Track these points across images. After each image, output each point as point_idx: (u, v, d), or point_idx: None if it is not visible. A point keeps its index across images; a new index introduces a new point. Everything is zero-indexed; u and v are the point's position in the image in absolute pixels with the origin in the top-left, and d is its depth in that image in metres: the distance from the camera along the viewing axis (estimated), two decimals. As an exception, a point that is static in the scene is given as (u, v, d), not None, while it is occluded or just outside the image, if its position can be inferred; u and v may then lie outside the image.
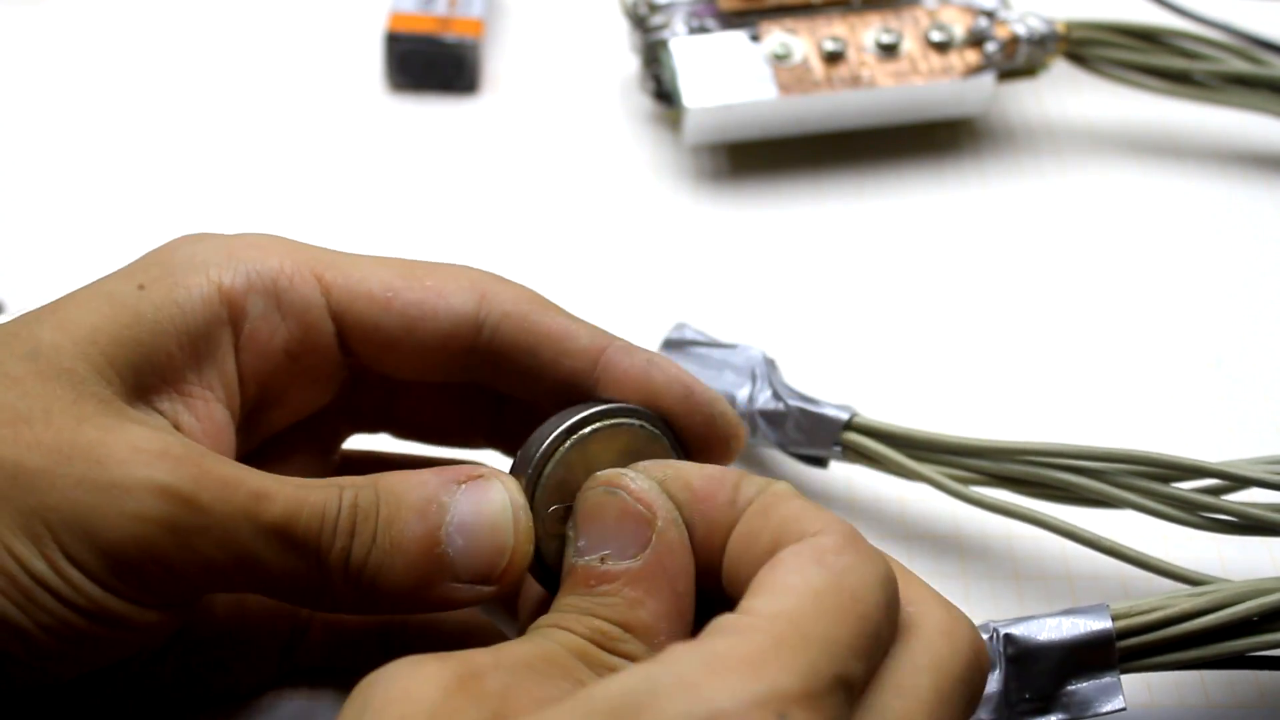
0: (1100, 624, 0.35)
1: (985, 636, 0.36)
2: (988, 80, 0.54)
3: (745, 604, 0.28)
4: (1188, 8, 0.58)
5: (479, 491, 0.32)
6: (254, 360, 0.34)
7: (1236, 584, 0.36)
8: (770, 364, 0.44)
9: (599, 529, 0.32)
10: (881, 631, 0.29)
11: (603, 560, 0.32)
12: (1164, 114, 0.57)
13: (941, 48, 0.54)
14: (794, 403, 0.42)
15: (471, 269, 0.36)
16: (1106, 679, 0.36)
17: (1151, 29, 0.54)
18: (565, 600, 0.32)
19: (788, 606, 0.28)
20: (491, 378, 0.36)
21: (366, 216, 0.53)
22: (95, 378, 0.31)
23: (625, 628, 0.31)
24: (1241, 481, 0.38)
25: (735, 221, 0.53)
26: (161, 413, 0.33)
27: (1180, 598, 0.36)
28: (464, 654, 0.29)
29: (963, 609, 0.40)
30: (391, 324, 0.35)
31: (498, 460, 0.38)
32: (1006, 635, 0.35)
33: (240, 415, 0.35)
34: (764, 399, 0.43)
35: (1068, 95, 0.58)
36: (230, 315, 0.34)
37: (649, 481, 0.32)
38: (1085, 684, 0.36)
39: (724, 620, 0.28)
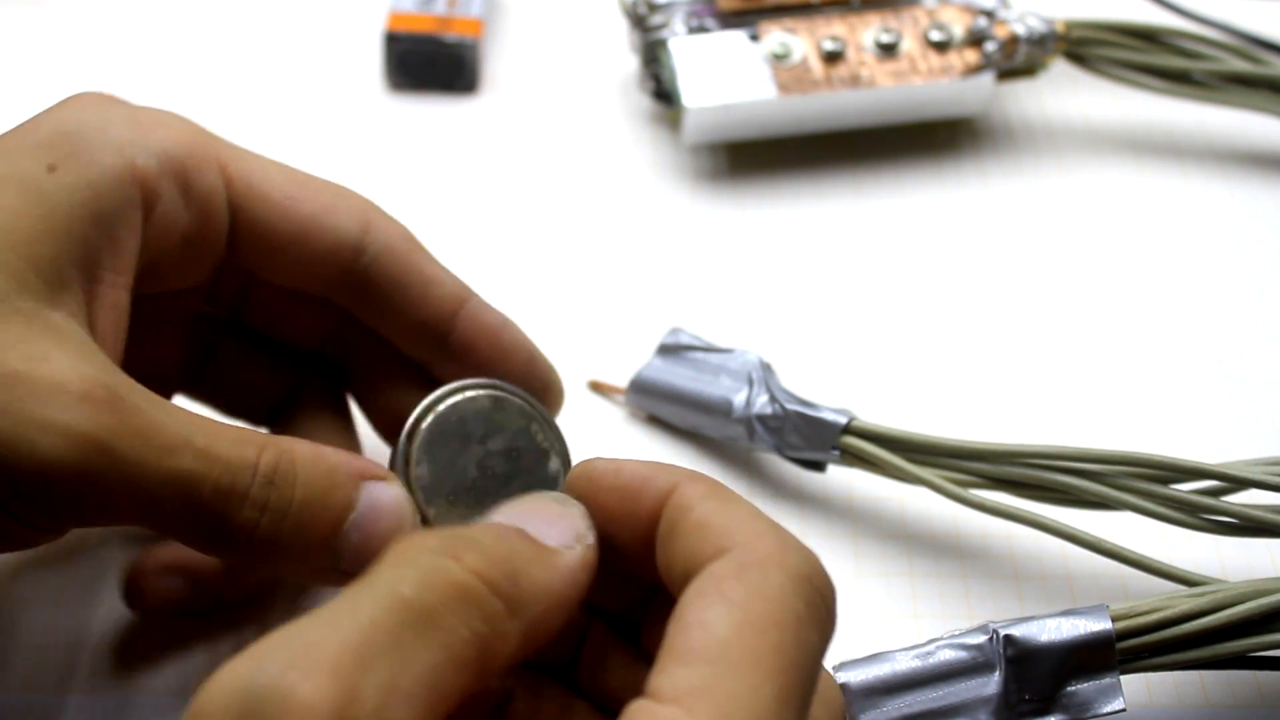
0: (1100, 625, 0.36)
1: (985, 638, 0.36)
2: (987, 80, 0.54)
3: (655, 681, 0.26)
4: (1187, 7, 0.58)
5: (379, 494, 0.33)
6: (156, 243, 0.35)
7: (1236, 585, 0.36)
8: (767, 368, 0.44)
9: (531, 511, 0.30)
10: (809, 647, 0.27)
11: (522, 532, 0.30)
12: (1164, 114, 0.57)
13: (941, 47, 0.54)
14: (791, 407, 0.42)
15: (357, 195, 0.38)
16: (1106, 680, 0.36)
17: (1151, 29, 0.54)
18: (463, 532, 0.29)
19: (697, 681, 0.25)
20: (355, 302, 0.38)
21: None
22: (17, 289, 0.31)
23: (512, 576, 0.28)
24: (1241, 483, 0.38)
25: (734, 221, 0.53)
26: (79, 300, 0.33)
27: (1180, 599, 0.36)
28: (321, 647, 0.25)
29: (963, 609, 0.41)
30: (283, 230, 0.36)
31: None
32: (1006, 636, 0.36)
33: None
34: (761, 404, 0.42)
35: (1067, 95, 0.58)
36: (143, 197, 0.34)
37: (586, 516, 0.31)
38: (1085, 685, 0.36)
39: (637, 710, 0.26)
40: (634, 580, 0.32)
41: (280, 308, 0.40)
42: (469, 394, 0.37)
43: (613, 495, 0.31)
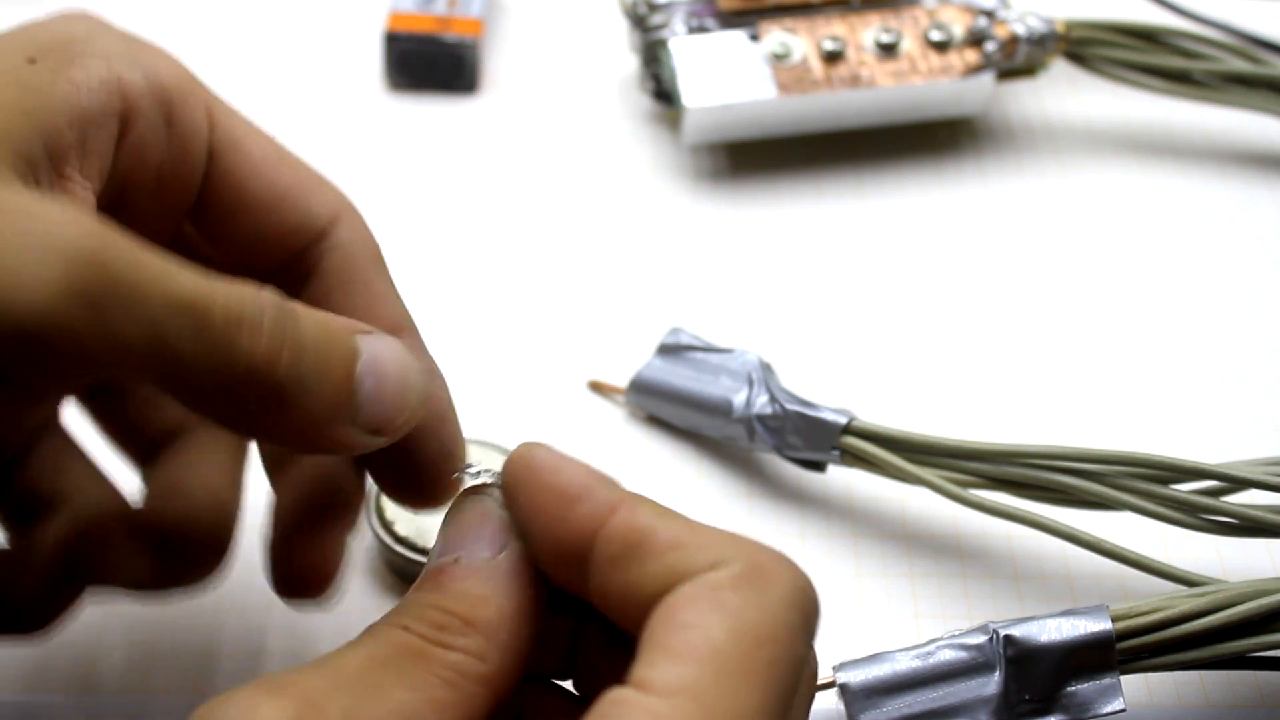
0: (1100, 625, 0.36)
1: (985, 638, 0.36)
2: (987, 80, 0.54)
3: (641, 673, 0.26)
4: (1187, 7, 0.58)
5: (381, 343, 0.31)
6: (129, 167, 0.32)
7: (1236, 585, 0.36)
8: (767, 368, 0.44)
9: (458, 531, 0.31)
10: (797, 660, 0.27)
11: (456, 561, 0.30)
12: (1164, 114, 0.57)
13: (941, 47, 0.54)
14: (791, 407, 0.42)
15: (338, 188, 0.35)
16: (1106, 680, 0.36)
17: (1151, 28, 0.54)
18: (409, 597, 0.30)
19: (688, 679, 0.26)
20: (291, 288, 0.34)
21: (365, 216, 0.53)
22: None
23: (467, 621, 0.29)
24: (1240, 483, 0.38)
25: (734, 221, 0.53)
26: (45, 188, 0.30)
27: (1180, 599, 0.36)
28: (297, 679, 0.27)
29: (963, 609, 0.41)
30: (256, 193, 0.34)
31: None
32: (1006, 636, 0.36)
33: None
34: (761, 404, 0.43)
35: (1067, 95, 0.58)
36: (123, 109, 0.31)
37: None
38: (1085, 685, 0.36)
39: (618, 698, 0.26)
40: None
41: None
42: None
43: (548, 495, 0.29)
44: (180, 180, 0.33)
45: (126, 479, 0.37)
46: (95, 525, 0.34)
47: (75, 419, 0.37)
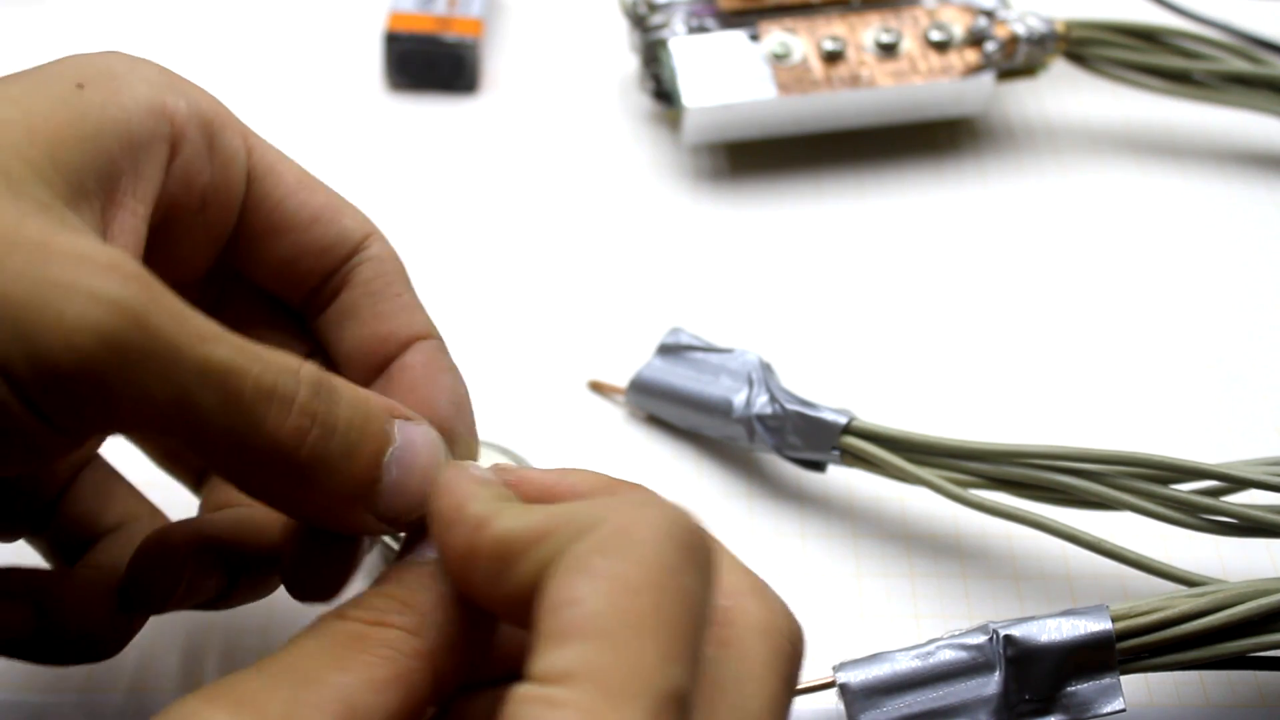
0: (1100, 625, 0.36)
1: (985, 638, 0.36)
2: (987, 80, 0.54)
3: (535, 666, 0.25)
4: (1187, 7, 0.58)
5: (413, 432, 0.31)
6: (176, 191, 0.32)
7: (1236, 585, 0.36)
8: (767, 368, 0.44)
9: (414, 539, 0.31)
10: (689, 594, 0.26)
11: (404, 560, 0.30)
12: (1164, 114, 0.57)
13: (941, 47, 0.54)
14: (791, 407, 0.42)
15: (361, 209, 0.36)
16: (1106, 680, 0.36)
17: (1151, 29, 0.54)
18: (354, 595, 0.30)
19: (579, 657, 0.25)
20: (323, 304, 0.36)
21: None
22: (34, 178, 0.28)
23: (404, 602, 0.29)
24: (1240, 483, 0.38)
25: (734, 221, 0.53)
26: (97, 218, 0.30)
27: (1180, 599, 0.36)
28: (236, 683, 0.27)
29: (963, 609, 0.41)
30: (293, 213, 0.35)
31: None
32: (1006, 636, 0.36)
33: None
34: (761, 404, 0.43)
35: (1067, 95, 0.58)
36: (171, 134, 0.32)
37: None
38: (1085, 685, 0.36)
39: (519, 697, 0.25)
40: None
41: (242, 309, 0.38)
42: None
43: (435, 522, 0.29)
44: (222, 204, 0.34)
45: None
46: (163, 548, 0.34)
47: (121, 445, 0.37)
